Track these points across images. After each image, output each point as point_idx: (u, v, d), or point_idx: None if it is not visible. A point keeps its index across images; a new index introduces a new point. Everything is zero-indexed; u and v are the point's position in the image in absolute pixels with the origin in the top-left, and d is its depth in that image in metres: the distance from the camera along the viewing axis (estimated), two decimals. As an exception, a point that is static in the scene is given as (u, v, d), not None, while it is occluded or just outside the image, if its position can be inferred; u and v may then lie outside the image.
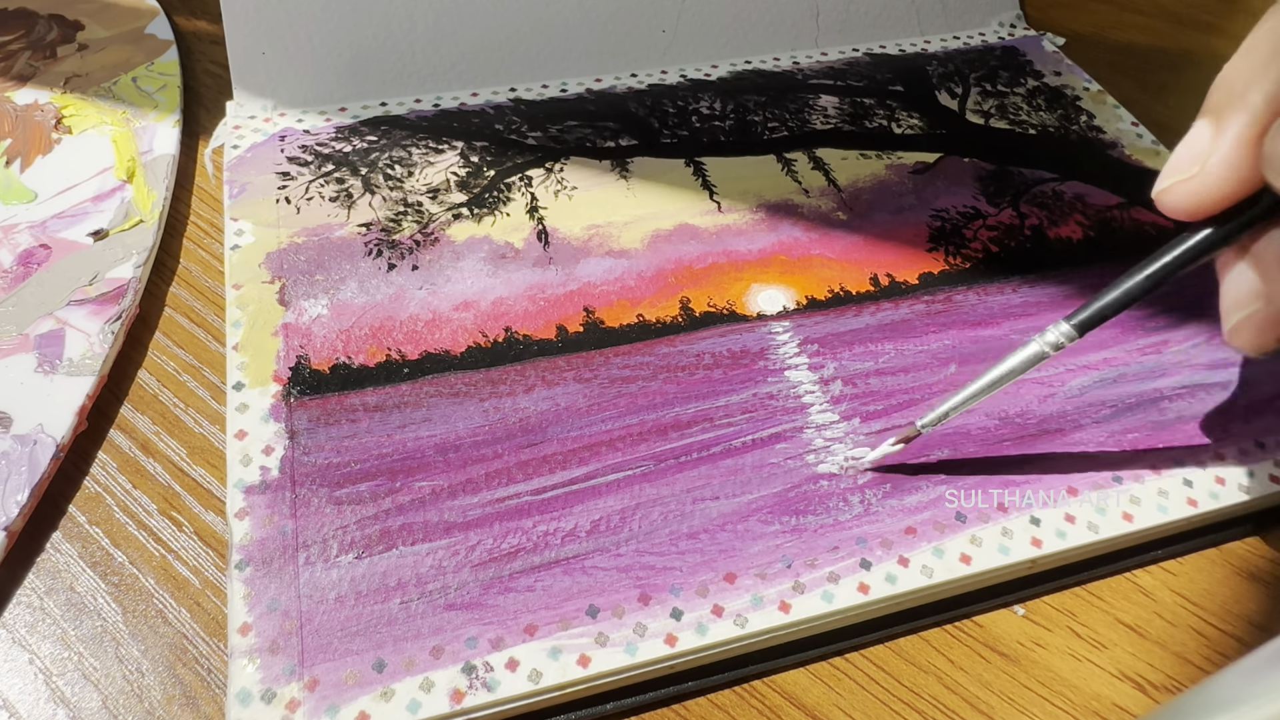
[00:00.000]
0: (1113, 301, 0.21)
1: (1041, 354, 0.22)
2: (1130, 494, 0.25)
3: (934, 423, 0.23)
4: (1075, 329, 0.21)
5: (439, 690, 0.20)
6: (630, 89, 0.36)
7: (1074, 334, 0.21)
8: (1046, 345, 0.21)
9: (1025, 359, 0.22)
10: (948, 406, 0.23)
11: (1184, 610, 0.24)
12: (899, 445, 0.24)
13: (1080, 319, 0.21)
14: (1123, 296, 0.21)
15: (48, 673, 0.22)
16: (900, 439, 0.24)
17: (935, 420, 0.23)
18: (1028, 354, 0.22)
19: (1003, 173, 0.34)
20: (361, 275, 0.29)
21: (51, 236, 0.30)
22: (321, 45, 0.34)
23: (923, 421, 0.23)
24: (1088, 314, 0.21)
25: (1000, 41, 0.40)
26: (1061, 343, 0.21)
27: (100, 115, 0.34)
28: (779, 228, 0.32)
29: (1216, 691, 0.16)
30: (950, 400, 0.23)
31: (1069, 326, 0.21)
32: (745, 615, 0.22)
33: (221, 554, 0.24)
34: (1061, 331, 0.21)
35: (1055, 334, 0.21)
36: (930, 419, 0.23)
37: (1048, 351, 0.21)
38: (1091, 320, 0.21)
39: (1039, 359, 0.22)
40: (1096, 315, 0.21)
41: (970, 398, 0.22)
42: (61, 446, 0.25)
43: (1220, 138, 0.20)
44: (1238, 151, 0.19)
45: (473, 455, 0.25)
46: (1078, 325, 0.21)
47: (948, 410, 0.23)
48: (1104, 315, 0.21)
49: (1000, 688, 0.23)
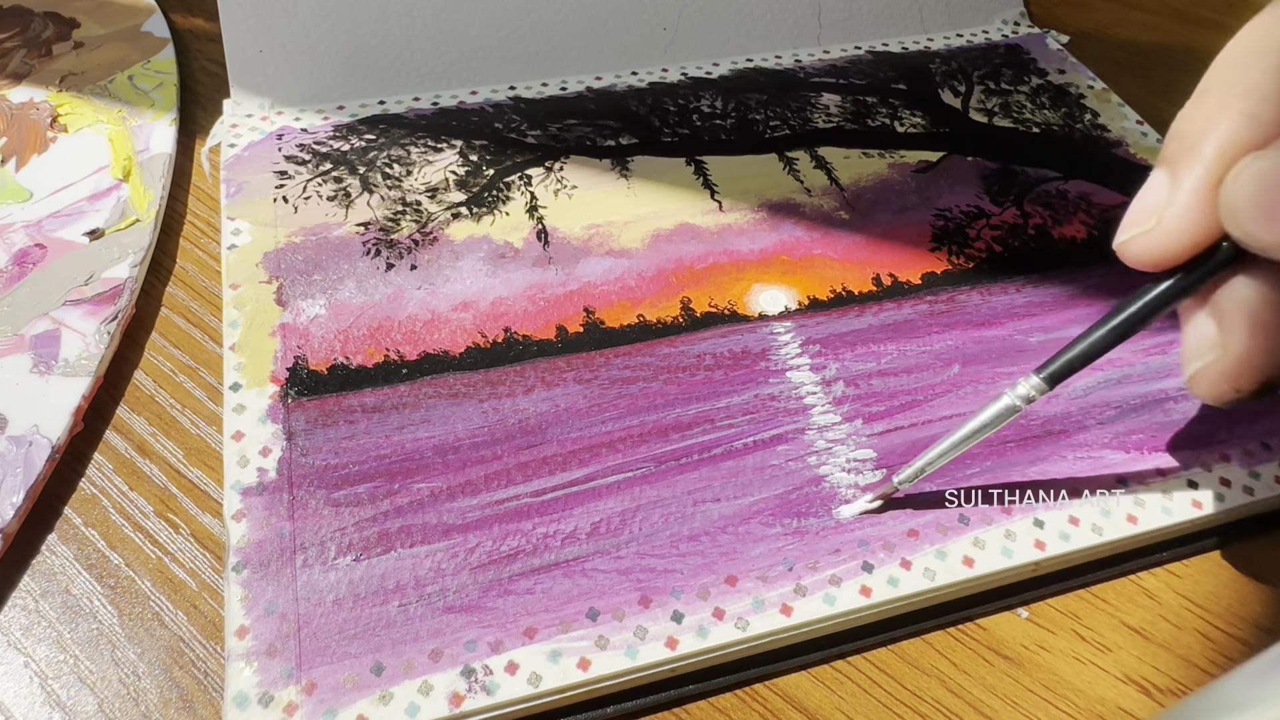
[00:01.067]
0: (1080, 354, 0.21)
1: (1014, 407, 0.22)
2: (1135, 496, 0.25)
3: (910, 479, 0.23)
4: (1045, 381, 0.22)
5: (438, 693, 0.21)
6: (631, 87, 0.36)
7: (1045, 386, 0.22)
8: (1018, 398, 0.22)
9: (997, 412, 0.22)
10: (923, 462, 0.23)
11: (1189, 613, 0.24)
12: (877, 503, 0.24)
13: (1050, 371, 0.22)
14: (1089, 349, 0.21)
15: (43, 676, 0.22)
16: (878, 496, 0.24)
17: (912, 476, 0.23)
18: (999, 407, 0.22)
19: (1006, 172, 0.34)
20: (359, 275, 0.29)
21: (47, 236, 0.30)
22: (319, 43, 0.34)
23: (899, 478, 0.23)
24: (1056, 366, 0.21)
25: (1004, 39, 0.40)
26: (1032, 395, 0.22)
27: (96, 113, 0.35)
28: (781, 227, 0.32)
29: (1222, 695, 0.16)
30: (925, 456, 0.23)
31: (1039, 379, 0.22)
32: (747, 618, 0.22)
33: (218, 556, 0.24)
34: (1032, 384, 0.22)
35: (1026, 387, 0.22)
36: (906, 475, 0.23)
37: (1019, 405, 0.22)
38: (1060, 372, 0.21)
39: (1012, 413, 0.22)
40: (1065, 367, 0.21)
41: (945, 453, 0.23)
42: (57, 448, 0.25)
43: (1176, 189, 0.20)
44: (1194, 203, 0.19)
45: (472, 457, 0.25)
46: (1048, 378, 0.22)
47: (923, 466, 0.23)
48: (1072, 368, 0.21)
49: (1004, 691, 0.23)
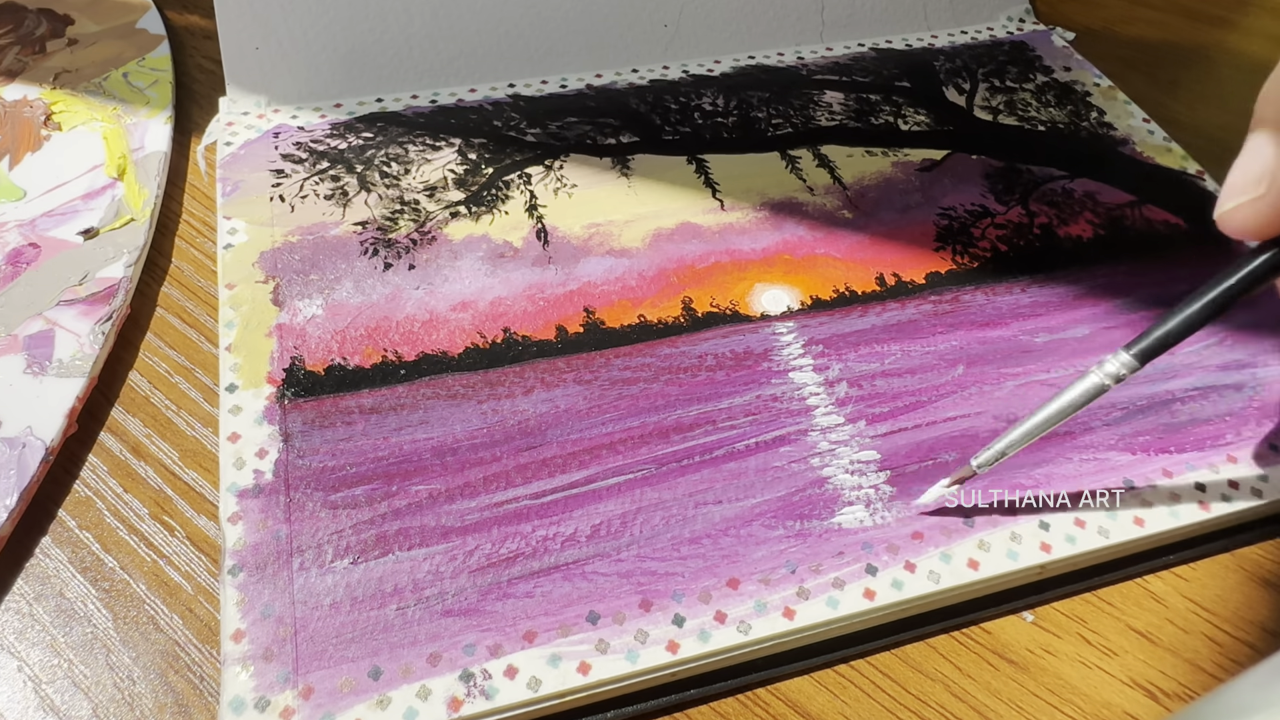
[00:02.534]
0: (1174, 329, 0.20)
1: (1102, 386, 0.21)
2: (1141, 498, 0.25)
3: (990, 462, 0.22)
4: (1136, 358, 0.20)
5: (436, 698, 0.21)
6: (631, 85, 0.37)
7: (1135, 364, 0.20)
8: (1106, 376, 0.21)
9: (1085, 391, 0.21)
10: (1004, 444, 0.22)
11: (1196, 616, 0.24)
12: (954, 486, 0.23)
13: (1141, 347, 0.20)
14: (1185, 323, 0.20)
15: (37, 680, 0.22)
16: (955, 479, 0.23)
17: (992, 459, 0.22)
18: (1087, 386, 0.21)
19: (1011, 170, 0.34)
20: (357, 275, 0.29)
21: (41, 235, 0.30)
22: (316, 40, 0.35)
23: (978, 461, 0.22)
24: (1149, 342, 0.20)
25: (1009, 36, 0.40)
26: (1122, 374, 0.21)
27: (90, 111, 0.35)
28: (783, 226, 0.32)
29: (1230, 699, 0.16)
30: (1007, 437, 0.22)
31: (1129, 356, 0.20)
32: (748, 622, 0.22)
33: (214, 559, 0.24)
34: (1122, 361, 0.21)
35: (1115, 364, 0.21)
36: (986, 458, 0.22)
37: (1108, 383, 0.21)
38: (1153, 348, 0.20)
39: (1099, 391, 0.21)
40: (1158, 343, 0.20)
41: (1028, 434, 0.22)
42: (51, 449, 0.25)
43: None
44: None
45: (470, 458, 0.25)
46: (1138, 354, 0.20)
47: (1004, 448, 0.22)
48: (1166, 343, 0.20)
49: (1009, 696, 0.23)
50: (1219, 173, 0.34)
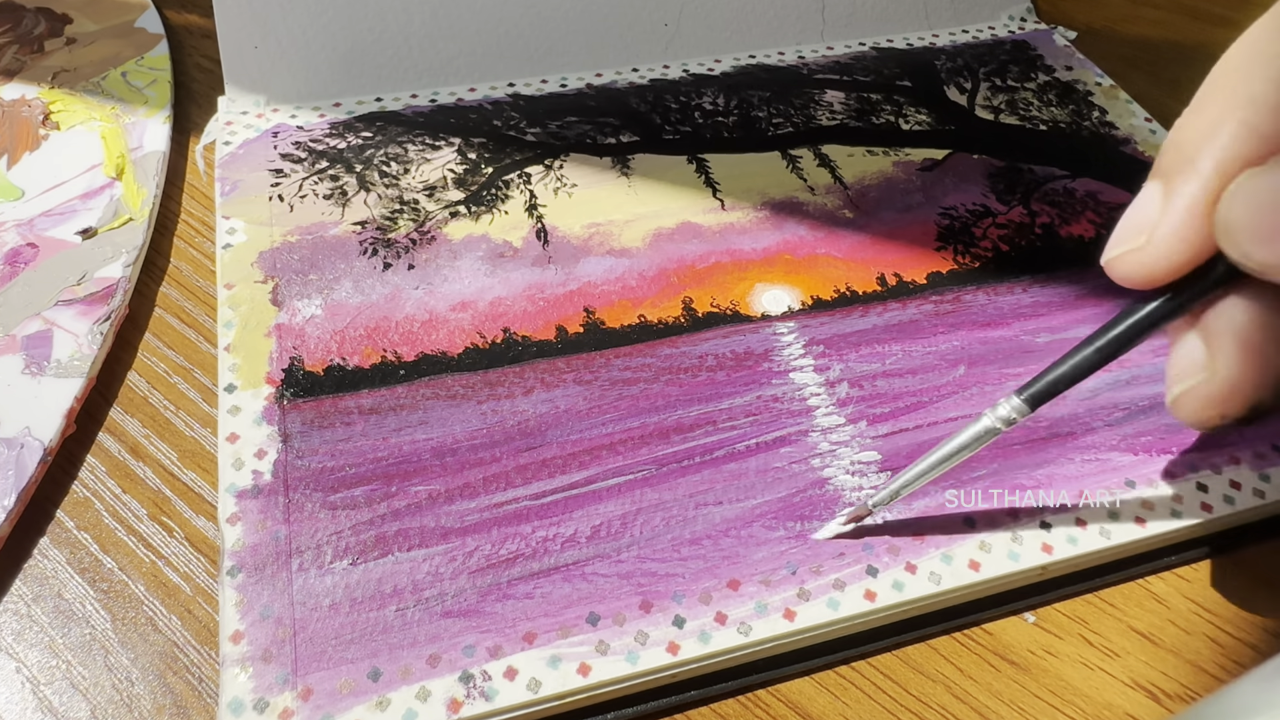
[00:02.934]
0: (1064, 375, 0.21)
1: (993, 429, 0.21)
2: (1143, 499, 0.25)
3: (885, 501, 0.23)
4: (1027, 403, 0.21)
5: (436, 700, 0.21)
6: (632, 84, 0.37)
7: (1025, 408, 0.21)
8: (998, 420, 0.21)
9: (976, 434, 0.22)
10: (899, 484, 0.23)
11: (1198, 617, 0.24)
12: (850, 525, 0.24)
13: (1032, 392, 0.21)
14: (1073, 370, 0.21)
15: (35, 682, 0.22)
16: (851, 518, 0.24)
17: (886, 499, 0.23)
18: (979, 429, 0.22)
19: (1013, 170, 0.34)
20: (356, 275, 0.29)
21: (39, 235, 0.30)
22: (315, 39, 0.35)
23: (874, 501, 0.23)
24: (1039, 387, 0.21)
25: (1010, 35, 0.41)
26: (1013, 417, 0.21)
27: (89, 111, 0.35)
28: (784, 226, 0.32)
29: (1232, 700, 0.16)
30: (901, 478, 0.23)
31: (1020, 401, 0.21)
32: (749, 623, 0.22)
33: (213, 560, 0.24)
34: (1013, 405, 0.21)
35: (1006, 408, 0.21)
36: (880, 498, 0.23)
37: (999, 426, 0.21)
38: (1043, 394, 0.21)
39: (991, 434, 0.22)
40: (1047, 388, 0.21)
41: (920, 475, 0.22)
42: (49, 450, 0.25)
43: (1170, 205, 0.19)
44: (1188, 220, 0.19)
45: (470, 459, 0.25)
46: (1029, 399, 0.21)
47: (898, 488, 0.23)
48: (1056, 389, 0.21)
49: (1010, 697, 0.23)
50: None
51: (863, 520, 0.24)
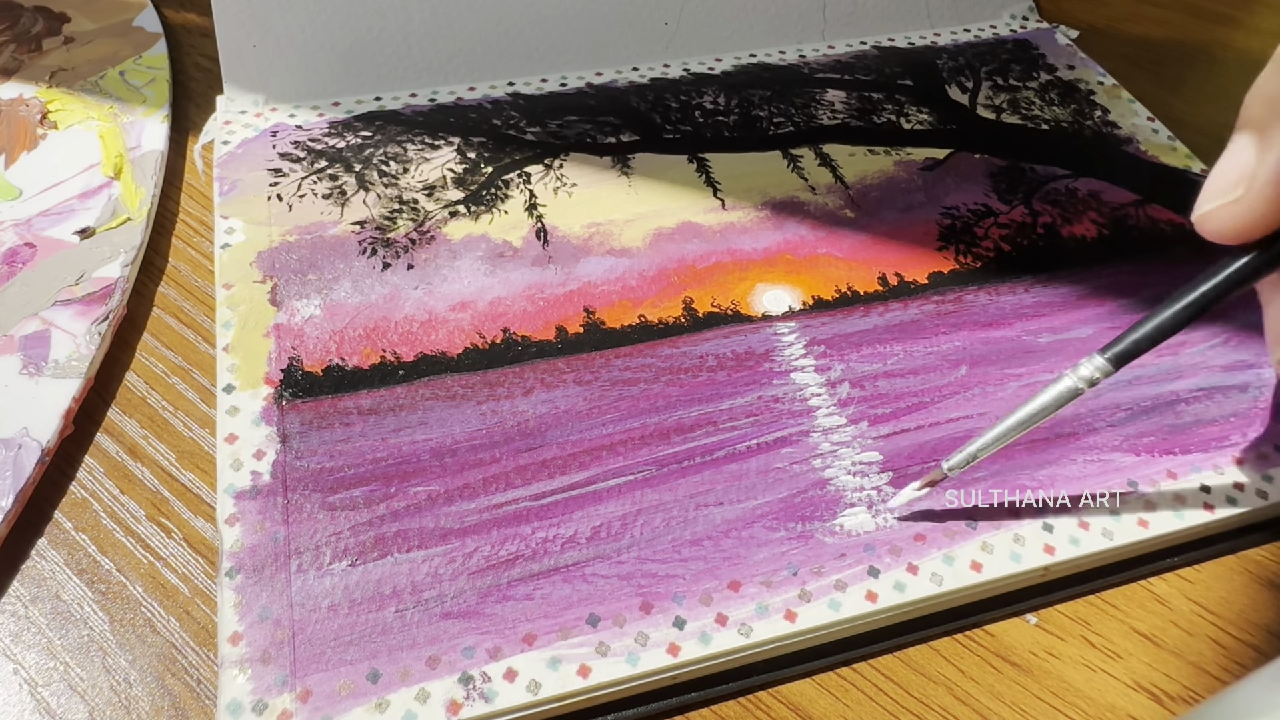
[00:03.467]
0: (1149, 333, 0.20)
1: (1076, 389, 0.21)
2: (1146, 499, 0.25)
3: (962, 465, 0.22)
4: (1110, 362, 0.20)
5: (435, 701, 0.21)
6: (632, 83, 0.37)
7: (1109, 368, 0.21)
8: (1080, 380, 0.21)
9: (1058, 395, 0.21)
10: (976, 447, 0.22)
11: (1201, 619, 0.24)
12: (924, 490, 0.23)
13: (1115, 351, 0.20)
14: (1159, 327, 0.20)
15: (33, 683, 0.22)
16: (925, 483, 0.23)
17: (963, 462, 0.22)
18: (1060, 389, 0.21)
19: (1015, 169, 0.34)
20: (355, 275, 0.29)
21: (37, 235, 0.30)
22: (314, 38, 0.35)
23: (949, 464, 0.22)
24: (1123, 346, 0.20)
25: (1012, 34, 0.41)
26: (1096, 377, 0.21)
27: (87, 110, 0.35)
28: (785, 226, 0.32)
29: (1235, 702, 0.16)
30: (979, 440, 0.22)
31: (1103, 360, 0.21)
32: (750, 624, 0.22)
33: (211, 561, 0.24)
34: (1095, 365, 0.21)
35: (1089, 368, 0.21)
36: (957, 460, 0.22)
37: (1081, 387, 0.21)
38: (1127, 353, 0.20)
39: (1073, 395, 0.21)
40: (1132, 348, 0.20)
41: (1000, 437, 0.22)
42: (47, 451, 0.25)
43: (1267, 155, 0.18)
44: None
45: (470, 460, 0.25)
46: (1113, 358, 0.20)
47: (976, 451, 0.22)
48: (1140, 348, 0.20)
49: (1012, 699, 0.23)
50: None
51: (938, 484, 0.23)
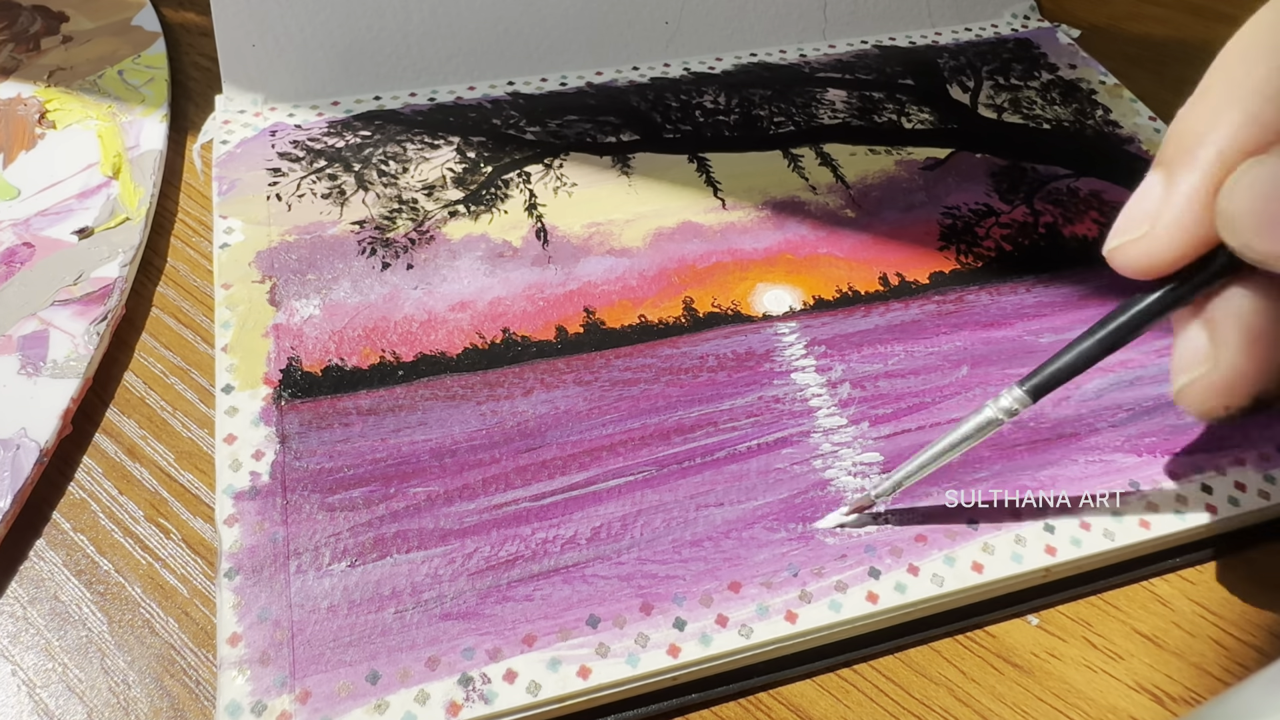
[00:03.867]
0: (1066, 365, 0.21)
1: (995, 420, 0.22)
2: (1147, 500, 0.25)
3: (888, 492, 0.23)
4: (1028, 394, 0.21)
5: (435, 702, 0.21)
6: (632, 82, 0.37)
7: (1027, 399, 0.22)
8: (1000, 411, 0.22)
9: (978, 424, 0.22)
10: (901, 475, 0.23)
11: (1203, 620, 0.24)
12: (852, 515, 0.24)
13: (1033, 383, 0.21)
14: (1076, 360, 0.21)
15: (31, 684, 0.22)
16: (854, 507, 0.24)
17: (890, 489, 0.23)
18: (981, 419, 0.22)
19: (1016, 169, 0.34)
20: (355, 275, 0.29)
21: (35, 234, 0.30)
22: (313, 37, 0.35)
23: (876, 491, 0.23)
24: (1041, 378, 0.21)
25: (1013, 33, 0.41)
26: (1015, 408, 0.22)
27: (85, 109, 0.35)
28: (785, 226, 0.32)
29: (1237, 703, 0.16)
30: (903, 469, 0.23)
31: (1021, 391, 0.22)
32: (750, 625, 0.22)
33: (210, 562, 0.24)
34: (1014, 396, 0.22)
35: (1008, 399, 0.22)
36: (884, 488, 0.23)
37: (1001, 418, 0.22)
38: (1044, 385, 0.21)
39: (993, 425, 0.22)
40: (1050, 379, 0.21)
41: (924, 466, 0.23)
42: (45, 451, 0.25)
43: (1171, 194, 0.19)
44: (1189, 209, 0.19)
45: (469, 460, 0.25)
46: (1030, 390, 0.21)
47: (901, 479, 0.23)
48: (1058, 379, 0.21)
49: (1013, 700, 0.23)
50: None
51: (865, 510, 0.24)
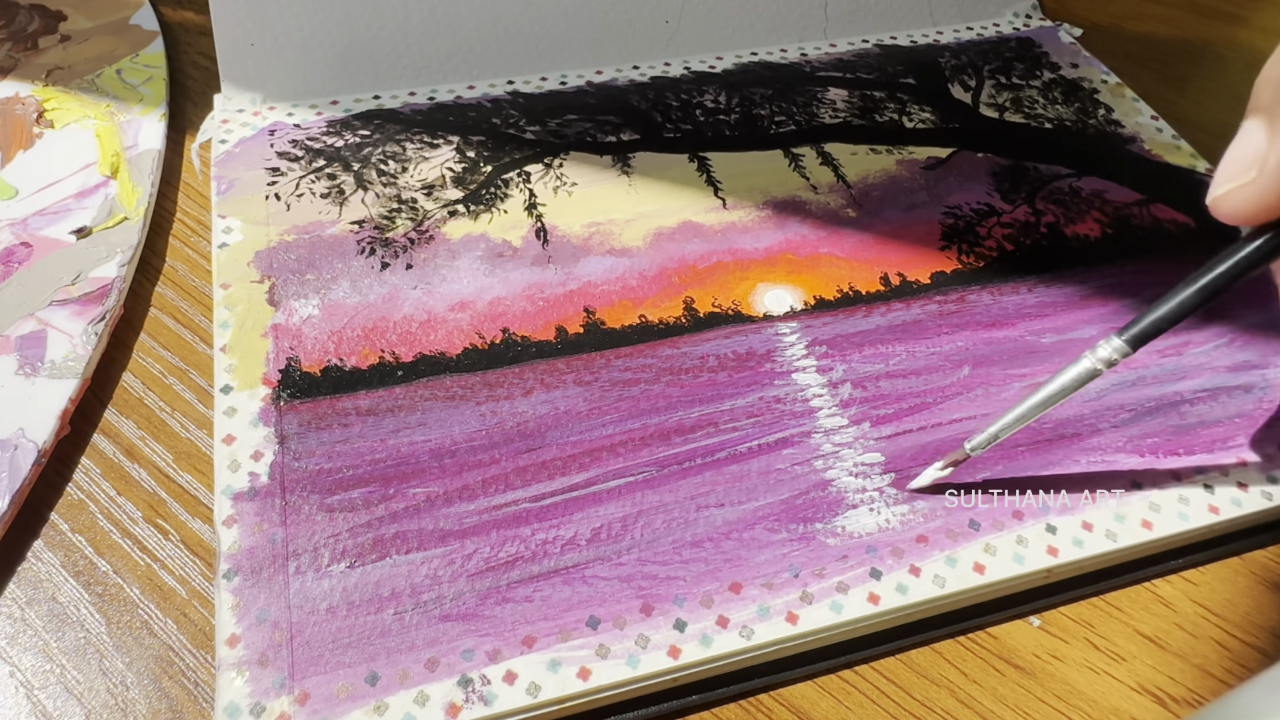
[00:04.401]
0: (1167, 314, 0.21)
1: (1094, 370, 0.21)
2: (1150, 501, 0.25)
3: (984, 445, 0.23)
4: (1128, 343, 0.21)
5: (434, 704, 0.21)
6: (632, 81, 0.37)
7: (1127, 349, 0.21)
8: (1099, 361, 0.21)
9: (1077, 375, 0.22)
10: (997, 428, 0.23)
11: (1205, 621, 0.24)
12: (948, 469, 0.24)
13: (1133, 333, 0.21)
14: (1178, 308, 0.21)
15: (29, 686, 0.22)
16: (949, 462, 0.24)
17: (985, 442, 0.23)
18: (1079, 370, 0.22)
19: (1018, 168, 0.34)
20: (354, 274, 0.29)
21: (33, 234, 0.30)
22: (312, 36, 0.35)
23: (971, 445, 0.23)
24: (1141, 327, 0.21)
25: (1015, 32, 0.41)
26: (1114, 358, 0.21)
27: (83, 109, 0.35)
28: (786, 225, 0.32)
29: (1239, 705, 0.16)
30: (1000, 421, 0.23)
31: (1121, 341, 0.21)
32: (751, 626, 0.22)
33: (209, 563, 0.24)
34: (1114, 346, 0.21)
35: (1108, 349, 0.21)
36: (979, 441, 0.23)
37: (1100, 368, 0.21)
38: (1145, 334, 0.21)
39: (1092, 375, 0.21)
40: (1150, 329, 0.21)
41: (1021, 417, 0.22)
42: (43, 452, 0.25)
43: (1277, 138, 0.19)
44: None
45: (469, 461, 0.25)
46: (1130, 339, 0.21)
47: (998, 431, 0.23)
48: (1158, 329, 0.21)
49: (1015, 701, 0.23)
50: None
51: (959, 464, 0.24)
